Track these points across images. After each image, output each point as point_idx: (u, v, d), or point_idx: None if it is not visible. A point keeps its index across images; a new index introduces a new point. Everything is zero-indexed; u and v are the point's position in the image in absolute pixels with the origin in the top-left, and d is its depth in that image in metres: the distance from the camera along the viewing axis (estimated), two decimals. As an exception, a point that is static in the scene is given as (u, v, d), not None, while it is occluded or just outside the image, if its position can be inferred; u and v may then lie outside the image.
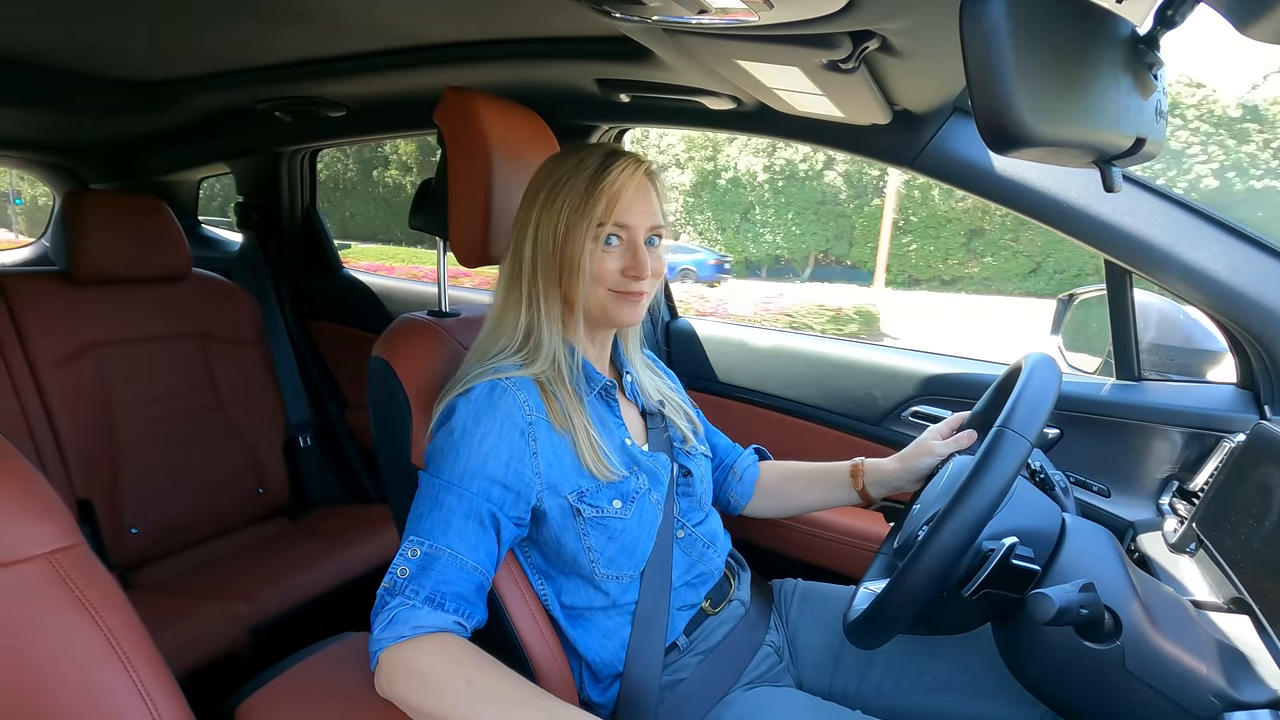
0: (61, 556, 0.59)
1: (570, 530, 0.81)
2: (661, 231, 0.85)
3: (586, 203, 0.79)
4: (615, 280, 0.82)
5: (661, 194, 0.86)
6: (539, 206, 0.82)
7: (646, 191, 0.83)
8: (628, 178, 0.80)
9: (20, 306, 1.43)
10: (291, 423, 1.85)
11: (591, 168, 0.80)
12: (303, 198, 2.08)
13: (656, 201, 0.84)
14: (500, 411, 0.77)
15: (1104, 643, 0.64)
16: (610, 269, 0.81)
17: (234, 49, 1.27)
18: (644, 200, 0.82)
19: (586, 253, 0.80)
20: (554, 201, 0.81)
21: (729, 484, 1.09)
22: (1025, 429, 0.68)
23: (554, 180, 0.82)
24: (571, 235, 0.80)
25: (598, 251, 0.81)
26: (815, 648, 0.97)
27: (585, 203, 0.79)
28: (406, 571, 0.72)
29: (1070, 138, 0.52)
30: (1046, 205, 1.02)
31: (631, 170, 0.81)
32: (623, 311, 0.84)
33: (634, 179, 0.81)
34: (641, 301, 0.84)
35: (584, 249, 0.80)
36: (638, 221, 0.82)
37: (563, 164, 0.83)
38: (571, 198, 0.80)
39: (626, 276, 0.82)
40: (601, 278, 0.81)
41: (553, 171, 0.83)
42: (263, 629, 1.32)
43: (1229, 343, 1.06)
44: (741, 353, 1.53)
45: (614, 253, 0.82)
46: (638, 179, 0.81)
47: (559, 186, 0.81)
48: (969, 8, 0.45)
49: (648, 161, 0.83)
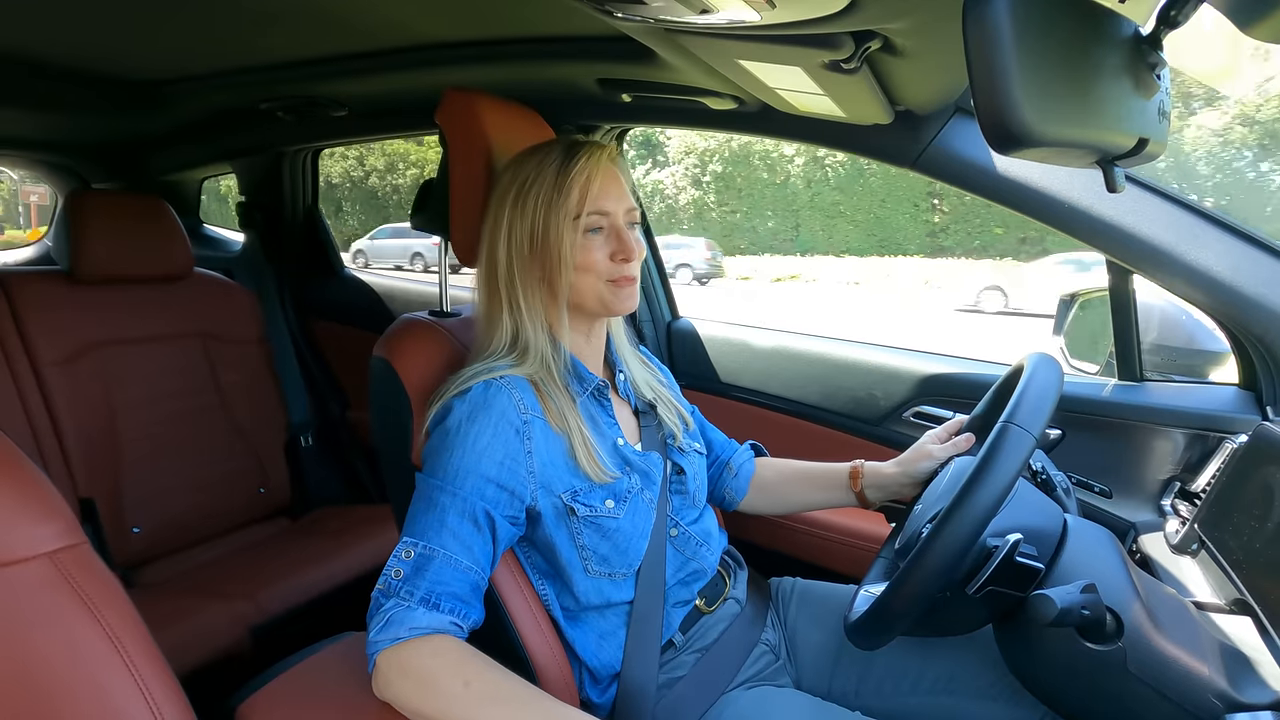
0: (64, 556, 0.59)
1: (564, 529, 0.81)
2: (636, 215, 0.86)
3: (559, 195, 0.79)
4: (607, 268, 0.82)
5: (628, 176, 0.86)
6: (508, 207, 0.82)
7: (615, 175, 0.83)
8: (595, 164, 0.81)
9: (22, 306, 1.43)
10: (293, 422, 1.85)
11: (557, 160, 0.81)
12: (305, 197, 2.08)
13: (626, 184, 0.85)
14: (495, 410, 0.77)
15: (1105, 644, 0.63)
16: (598, 258, 0.82)
17: (235, 49, 1.27)
18: (615, 184, 0.82)
19: (568, 245, 0.80)
20: (524, 200, 0.81)
21: (724, 480, 1.09)
22: (1030, 424, 0.68)
23: (520, 179, 0.82)
24: (549, 230, 0.80)
25: (580, 242, 0.81)
26: (814, 647, 0.97)
27: (557, 195, 0.79)
28: (401, 573, 0.72)
29: (1073, 138, 0.52)
30: (1049, 205, 1.02)
31: (597, 156, 0.81)
32: (620, 298, 0.84)
33: (600, 165, 0.81)
34: (635, 286, 0.85)
35: (565, 241, 0.80)
36: (614, 206, 0.82)
37: (526, 163, 0.83)
38: (543, 193, 0.80)
39: (616, 261, 0.82)
40: (591, 268, 0.81)
41: (517, 171, 0.83)
42: (264, 628, 1.32)
43: (1231, 343, 1.06)
44: (743, 353, 1.53)
45: (598, 241, 0.82)
46: (604, 164, 0.82)
47: (526, 185, 0.81)
48: (972, 8, 0.45)
49: (610, 145, 0.83)
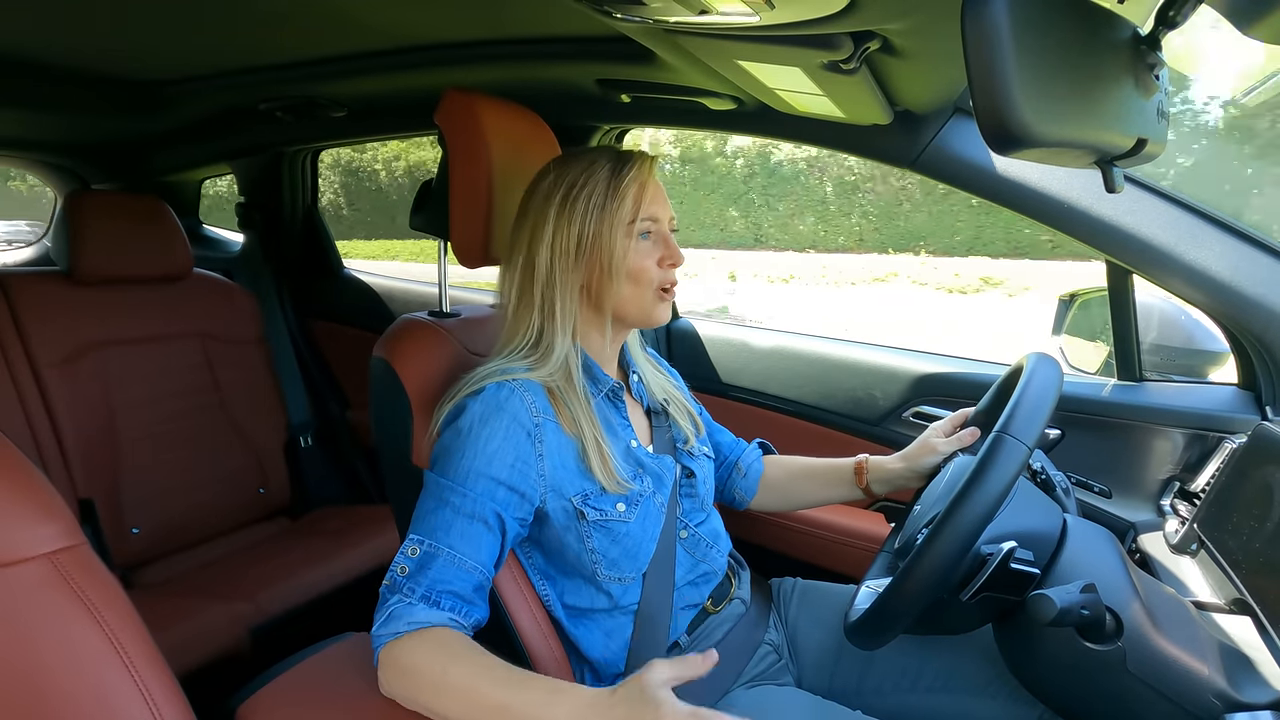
0: (63, 556, 0.59)
1: (573, 532, 0.81)
2: (676, 223, 0.88)
3: (614, 201, 0.81)
4: (657, 275, 0.84)
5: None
6: (555, 209, 0.82)
7: (658, 184, 0.85)
8: (646, 171, 0.83)
9: (22, 306, 1.43)
10: (292, 423, 1.85)
11: (608, 167, 0.82)
12: (304, 197, 2.08)
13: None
14: (507, 413, 0.77)
15: (1105, 643, 0.64)
16: (648, 264, 0.83)
17: (235, 49, 1.27)
18: (661, 191, 0.85)
19: (620, 250, 0.81)
20: (573, 204, 0.81)
21: (734, 480, 1.09)
22: (1024, 434, 0.68)
23: (568, 183, 0.82)
24: (601, 236, 0.81)
25: (634, 248, 0.82)
26: (815, 647, 0.97)
27: (612, 201, 0.81)
28: (406, 569, 0.72)
29: (1072, 138, 0.52)
30: (1048, 206, 1.02)
31: (648, 165, 0.84)
32: (661, 311, 0.86)
33: (651, 173, 0.84)
34: (673, 298, 0.87)
35: (618, 247, 0.81)
36: (662, 214, 0.84)
37: (571, 167, 0.83)
38: (595, 198, 0.81)
39: (664, 267, 0.84)
40: (641, 274, 0.83)
41: (562, 174, 0.83)
42: (264, 629, 1.32)
43: (1230, 343, 1.06)
44: (743, 353, 1.53)
45: (648, 246, 0.83)
46: (653, 171, 0.84)
47: (575, 189, 0.81)
48: (970, 8, 0.45)
49: (653, 156, 0.85)
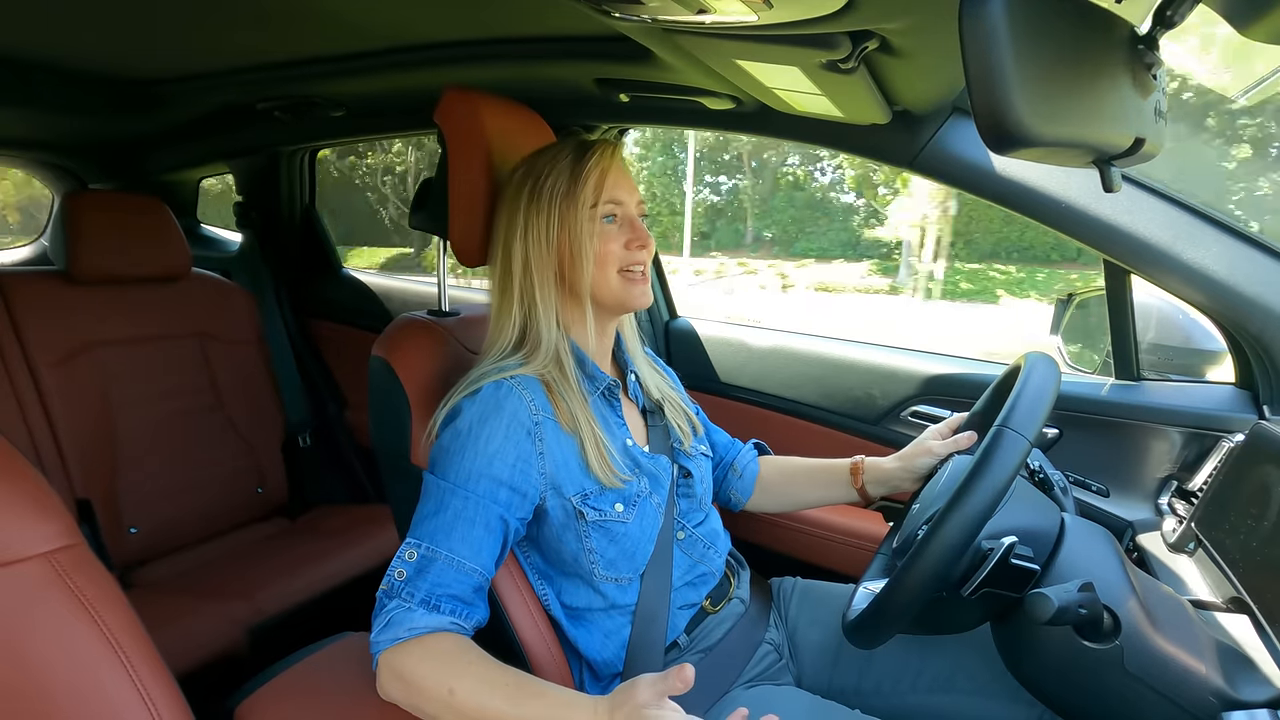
0: (61, 556, 0.59)
1: (571, 531, 0.81)
2: (645, 207, 0.89)
3: (575, 186, 0.82)
4: (622, 257, 0.84)
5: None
6: (524, 203, 0.84)
7: (624, 169, 0.86)
8: (608, 158, 0.84)
9: (19, 306, 1.43)
10: (291, 422, 1.85)
11: (570, 156, 0.84)
12: (302, 197, 2.08)
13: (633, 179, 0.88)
14: (506, 411, 0.77)
15: (1103, 642, 0.64)
16: (613, 247, 0.84)
17: (233, 49, 1.27)
18: (625, 177, 0.86)
19: (585, 234, 0.82)
20: (539, 196, 0.83)
21: (730, 481, 1.09)
22: (1025, 428, 0.68)
23: (534, 176, 0.84)
24: (566, 222, 0.82)
25: (597, 231, 0.83)
26: (814, 646, 0.97)
27: (573, 187, 0.82)
28: (404, 574, 0.72)
29: (1070, 138, 0.52)
30: (1046, 205, 1.02)
31: (609, 151, 0.85)
32: (633, 293, 0.86)
33: (613, 158, 0.84)
34: (647, 283, 0.88)
35: (583, 231, 0.82)
36: (626, 197, 0.85)
37: (537, 162, 0.86)
38: (559, 187, 0.83)
39: (630, 249, 0.85)
40: (607, 258, 0.84)
41: (530, 169, 0.85)
42: (262, 629, 1.32)
43: (1228, 343, 1.06)
44: (741, 353, 1.53)
45: (613, 230, 0.84)
46: (616, 158, 0.85)
47: (541, 181, 0.84)
48: (968, 8, 0.45)
49: (620, 141, 0.86)
